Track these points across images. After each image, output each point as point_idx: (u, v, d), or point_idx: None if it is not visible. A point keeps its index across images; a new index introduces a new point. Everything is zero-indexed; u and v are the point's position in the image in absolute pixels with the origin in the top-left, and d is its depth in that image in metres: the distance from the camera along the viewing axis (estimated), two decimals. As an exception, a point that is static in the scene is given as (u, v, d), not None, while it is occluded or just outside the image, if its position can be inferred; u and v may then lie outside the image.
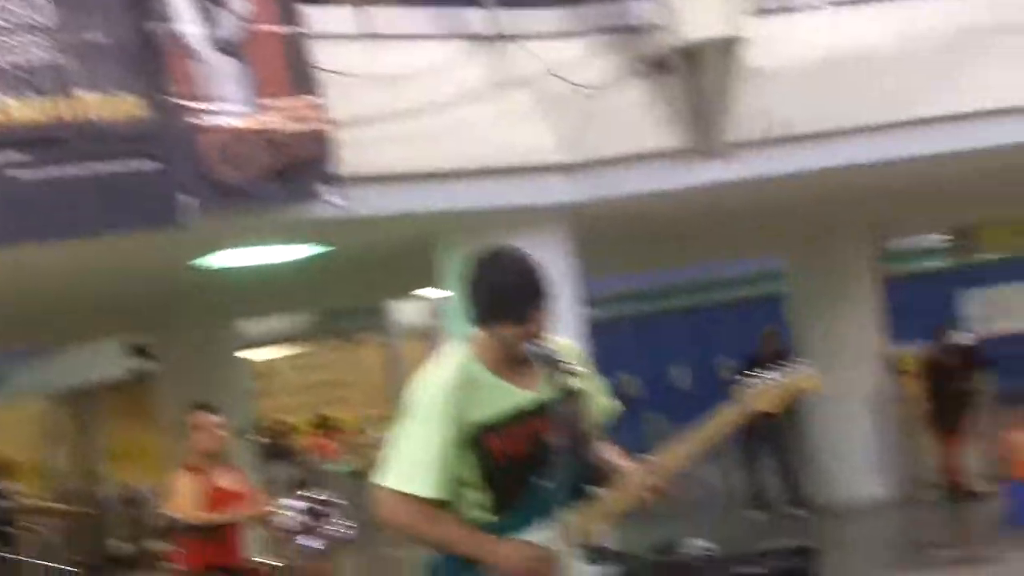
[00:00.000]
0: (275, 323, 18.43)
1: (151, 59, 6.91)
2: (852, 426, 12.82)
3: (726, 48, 8.32)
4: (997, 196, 12.43)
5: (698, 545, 6.66)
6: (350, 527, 7.02)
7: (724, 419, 3.57)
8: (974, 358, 12.92)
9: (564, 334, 3.72)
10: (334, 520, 7.30)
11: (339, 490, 7.04)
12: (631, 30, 8.77)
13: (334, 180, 7.59)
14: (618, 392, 3.89)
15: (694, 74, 8.42)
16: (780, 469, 13.10)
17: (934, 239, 18.59)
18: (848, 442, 12.82)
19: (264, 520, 7.52)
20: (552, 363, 3.50)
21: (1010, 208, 13.63)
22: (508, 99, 8.49)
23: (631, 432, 5.44)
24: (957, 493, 12.43)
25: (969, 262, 19.29)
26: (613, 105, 8.63)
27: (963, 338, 13.41)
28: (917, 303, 21.23)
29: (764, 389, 3.63)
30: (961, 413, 12.59)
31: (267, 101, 7.37)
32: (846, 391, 12.79)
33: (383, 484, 3.51)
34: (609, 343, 16.35)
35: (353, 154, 7.64)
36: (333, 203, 7.56)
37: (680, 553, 6.61)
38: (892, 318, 14.83)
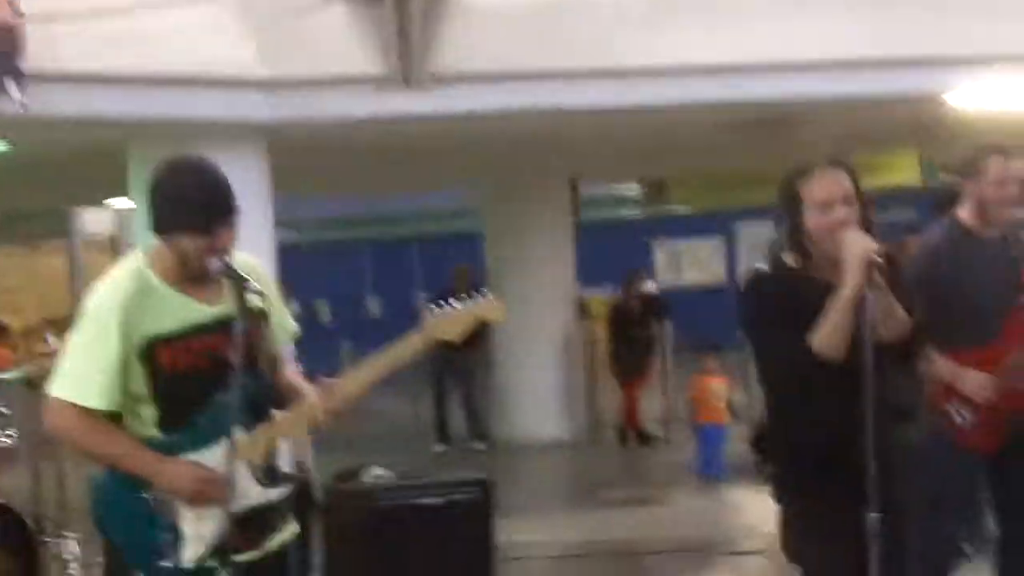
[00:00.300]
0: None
1: None
2: (539, 366, 13.19)
3: (435, -21, 8.37)
4: (687, 150, 12.98)
5: (377, 473, 6.74)
6: (10, 436, 6.76)
7: (406, 346, 3.63)
8: (656, 307, 13.47)
9: (252, 253, 3.68)
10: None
11: (11, 399, 6.77)
12: (342, -47, 8.68)
13: (19, 76, 7.27)
14: (310, 317, 3.89)
15: (402, 2, 8.42)
16: (465, 403, 13.38)
17: (628, 189, 19.25)
18: (534, 382, 13.18)
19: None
20: (235, 280, 3.46)
21: (699, 163, 14.25)
22: (212, 9, 8.27)
23: (322, 359, 5.46)
24: (634, 436, 12.99)
25: (660, 214, 20.10)
26: (319, 26, 8.54)
27: (648, 287, 13.91)
28: (609, 250, 22.00)
29: (447, 317, 3.71)
30: (642, 360, 13.14)
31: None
32: (536, 332, 13.16)
33: (52, 393, 3.46)
34: (304, 268, 16.31)
35: (42, 50, 7.32)
36: (15, 100, 7.24)
37: (358, 481, 6.68)
38: (584, 264, 15.29)
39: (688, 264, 25.08)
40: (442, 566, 6.83)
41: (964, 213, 5.04)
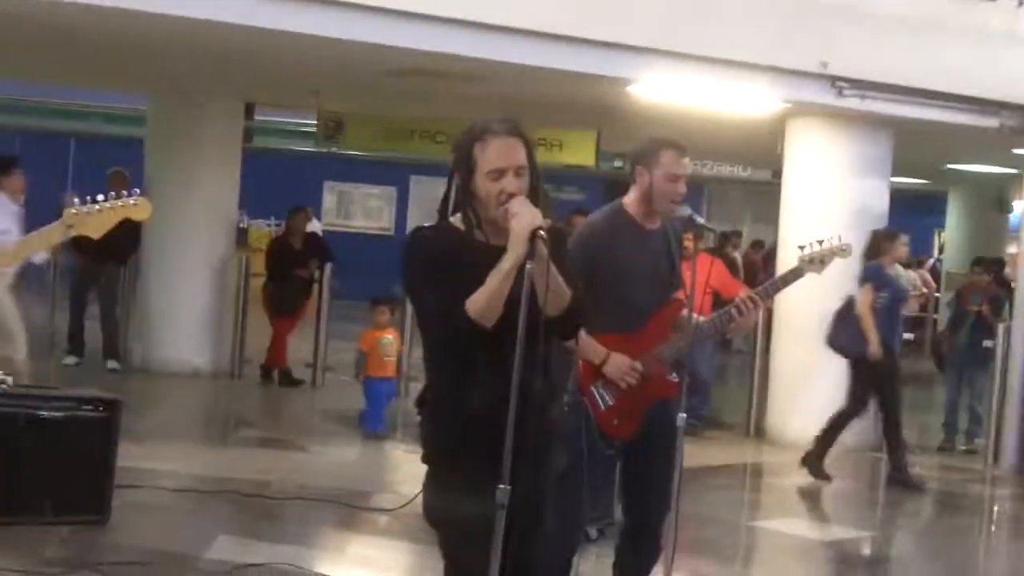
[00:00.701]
0: None
1: None
2: (188, 290, 12.86)
3: None
4: (365, 92, 12.93)
5: (-3, 381, 6.43)
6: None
7: (42, 237, 3.48)
8: (319, 248, 13.37)
9: None
10: None
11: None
12: None
13: None
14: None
15: None
16: (103, 318, 12.90)
17: (305, 122, 19.02)
18: (181, 306, 12.84)
19: None
20: None
21: (377, 108, 14.23)
22: None
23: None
24: (278, 376, 12.87)
25: (335, 154, 19.91)
26: None
27: (313, 226, 13.82)
28: (278, 183, 21.77)
29: (89, 212, 3.56)
30: (297, 299, 13.03)
31: None
32: (190, 254, 12.84)
33: None
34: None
35: None
36: None
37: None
38: (250, 192, 15.04)
39: (358, 210, 25.12)
40: (55, 483, 6.59)
41: (630, 201, 5.16)
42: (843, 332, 9.90)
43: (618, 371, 5.01)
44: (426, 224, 3.82)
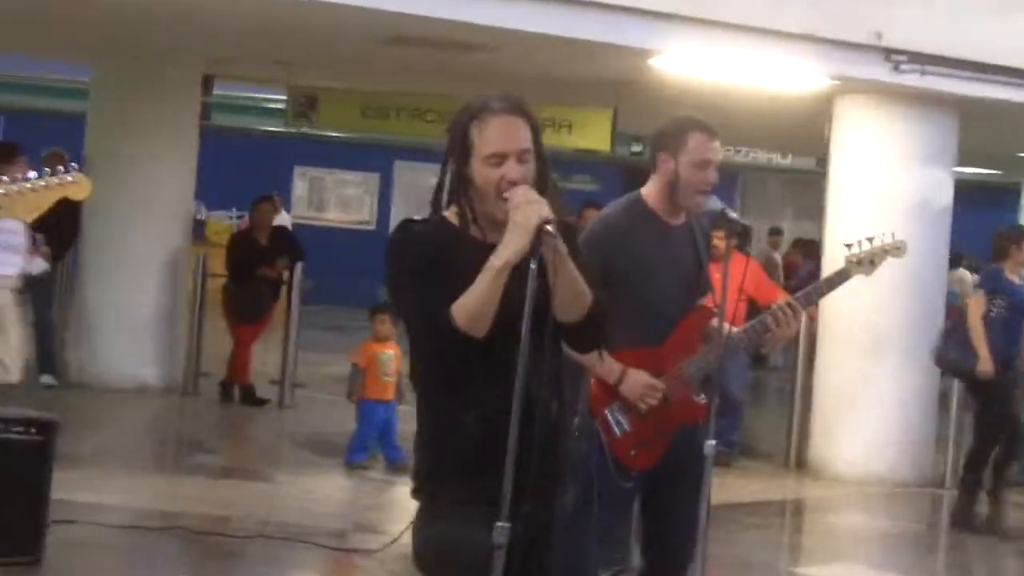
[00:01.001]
0: None
1: None
2: (135, 293, 12.83)
3: None
4: (344, 63, 12.93)
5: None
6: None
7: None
8: (288, 244, 13.35)
9: None
10: None
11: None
12: None
13: None
14: None
15: None
16: (36, 325, 12.86)
17: (273, 97, 19.04)
18: (127, 311, 12.81)
19: None
20: None
21: (357, 82, 14.23)
22: None
23: None
24: (240, 394, 12.86)
25: (307, 135, 19.94)
26: None
27: (281, 219, 13.81)
28: (241, 168, 21.77)
29: (21, 192, 3.56)
30: (263, 304, 13.01)
31: None
32: (137, 251, 12.82)
33: None
34: None
35: None
36: None
37: None
38: (208, 178, 15.02)
39: (333, 199, 25.12)
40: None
41: (650, 192, 5.16)
42: (954, 347, 9.85)
43: (636, 391, 5.01)
44: (415, 217, 3.81)
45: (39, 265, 10.45)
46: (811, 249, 20.22)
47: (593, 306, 3.69)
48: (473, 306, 3.53)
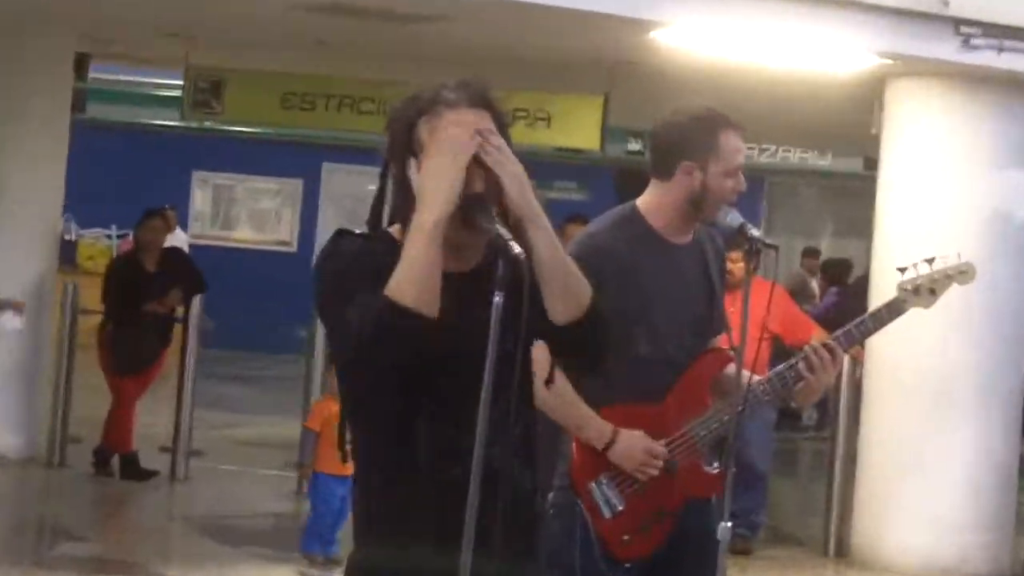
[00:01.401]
0: None
1: None
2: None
3: None
4: (255, 43, 12.96)
5: None
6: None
7: None
8: (183, 270, 13.32)
9: None
10: None
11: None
12: None
13: None
14: None
15: None
16: None
17: (165, 82, 19.06)
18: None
19: None
20: None
21: (274, 63, 14.26)
22: None
23: None
24: (120, 464, 12.81)
25: (209, 130, 19.91)
26: None
27: (176, 238, 13.79)
28: (122, 173, 21.72)
29: None
30: (151, 347, 12.97)
31: None
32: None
33: None
34: None
35: None
36: None
37: None
38: (81, 188, 14.99)
39: (243, 214, 25.11)
40: None
41: (651, 205, 5.18)
42: None
43: (630, 459, 5.01)
44: (356, 231, 3.81)
45: (13, 322, 10.30)
46: (839, 272, 20.37)
47: (593, 304, 3.71)
48: (415, 273, 3.53)
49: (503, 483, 3.60)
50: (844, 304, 17.14)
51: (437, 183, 3.56)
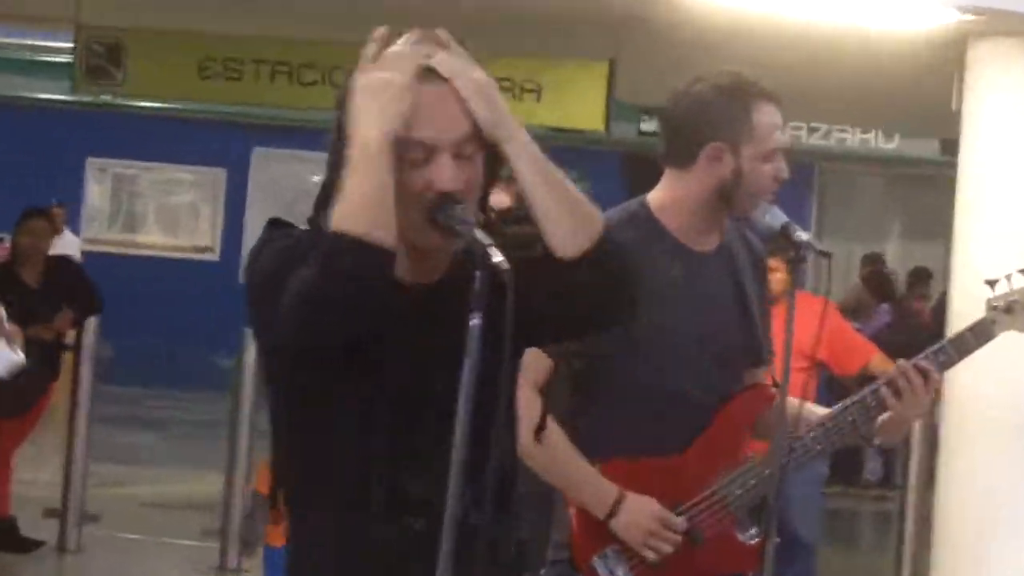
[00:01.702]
0: None
1: None
2: None
3: None
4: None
5: None
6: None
7: None
8: (76, 283, 13.34)
9: None
10: None
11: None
12: None
13: None
14: None
15: None
16: None
17: (52, 46, 19.18)
18: None
19: None
20: None
21: (187, 17, 14.33)
22: None
23: None
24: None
25: (107, 105, 20.01)
26: None
27: (65, 242, 13.84)
28: (1, 161, 21.84)
29: None
30: (31, 382, 12.99)
31: None
32: None
33: None
34: None
35: None
36: None
37: None
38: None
39: (152, 212, 25.17)
40: None
41: (665, 201, 5.17)
42: None
43: (639, 530, 5.02)
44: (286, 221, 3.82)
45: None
46: (885, 285, 20.41)
47: (604, 238, 3.70)
48: (364, 198, 3.54)
49: (481, 542, 3.62)
50: (901, 326, 17.22)
51: (377, 95, 3.59)
